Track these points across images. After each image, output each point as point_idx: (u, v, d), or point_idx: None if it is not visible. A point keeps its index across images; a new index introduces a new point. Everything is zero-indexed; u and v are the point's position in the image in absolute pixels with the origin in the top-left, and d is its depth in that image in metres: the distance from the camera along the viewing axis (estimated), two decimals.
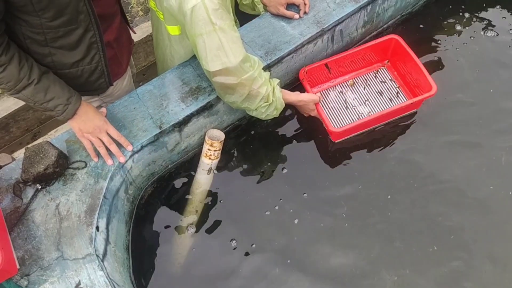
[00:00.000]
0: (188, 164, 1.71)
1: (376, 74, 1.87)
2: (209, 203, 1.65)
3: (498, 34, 2.03)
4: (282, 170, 1.72)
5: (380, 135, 1.78)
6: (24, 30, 1.19)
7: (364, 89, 1.84)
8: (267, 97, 1.47)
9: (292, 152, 1.77)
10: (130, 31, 1.62)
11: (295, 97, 1.61)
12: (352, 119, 1.77)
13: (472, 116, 1.82)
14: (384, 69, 1.88)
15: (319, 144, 1.77)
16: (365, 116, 1.76)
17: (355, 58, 1.82)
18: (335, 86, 1.86)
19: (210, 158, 1.60)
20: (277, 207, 1.64)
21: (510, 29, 2.05)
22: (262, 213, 1.64)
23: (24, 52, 1.24)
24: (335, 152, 1.76)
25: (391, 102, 1.79)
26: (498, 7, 2.12)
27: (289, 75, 1.75)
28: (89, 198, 1.36)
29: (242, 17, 1.81)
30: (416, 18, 2.09)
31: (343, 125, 1.75)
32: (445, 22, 2.07)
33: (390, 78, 1.86)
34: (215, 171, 1.69)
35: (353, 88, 1.85)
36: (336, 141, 1.75)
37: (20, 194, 1.37)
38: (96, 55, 1.34)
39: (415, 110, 1.80)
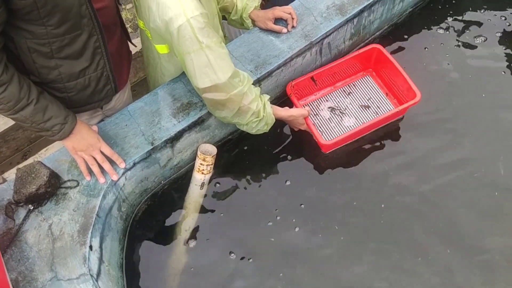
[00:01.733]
0: (181, 180, 1.71)
1: (362, 83, 1.90)
2: (203, 217, 1.65)
3: (486, 39, 2.07)
4: (276, 182, 1.73)
5: (370, 142, 1.80)
6: (29, 43, 1.19)
7: (351, 98, 1.87)
8: (257, 112, 1.49)
9: (284, 163, 1.78)
10: (130, 44, 1.63)
11: (285, 112, 1.63)
12: (341, 129, 1.79)
13: (461, 121, 1.84)
14: (369, 77, 1.91)
15: (310, 154, 1.78)
16: (353, 125, 1.79)
17: (340, 68, 1.85)
18: (322, 97, 1.88)
19: (202, 173, 1.60)
20: (273, 220, 1.64)
21: (497, 32, 2.09)
22: (259, 225, 1.63)
23: (30, 69, 1.24)
24: (326, 161, 1.77)
25: (378, 109, 1.82)
26: (482, 11, 2.16)
27: (279, 88, 1.77)
28: (82, 217, 1.35)
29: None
30: (402, 28, 2.13)
31: (333, 135, 1.78)
32: (430, 31, 2.11)
33: (375, 85, 1.89)
34: (215, 186, 1.70)
35: (341, 97, 1.87)
36: (327, 152, 1.77)
37: (12, 215, 1.36)
38: (101, 61, 1.35)
39: (401, 116, 1.83)
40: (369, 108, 1.83)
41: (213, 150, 1.64)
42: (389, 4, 1.91)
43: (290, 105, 1.74)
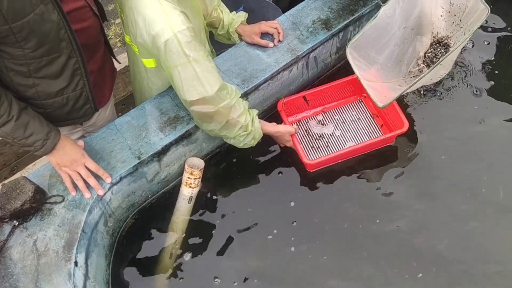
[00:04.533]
0: (169, 194, 1.71)
1: (353, 107, 1.90)
2: (192, 232, 1.64)
3: (473, 47, 2.10)
4: (266, 196, 1.72)
5: (359, 162, 1.78)
6: (6, 62, 1.19)
7: (340, 121, 1.87)
8: (246, 126, 1.50)
9: (274, 177, 1.77)
10: (114, 60, 1.63)
11: (272, 128, 1.64)
12: (328, 150, 1.79)
13: (453, 137, 1.84)
14: (362, 102, 1.91)
15: (298, 170, 1.78)
16: (341, 147, 1.79)
17: (333, 91, 1.85)
18: (312, 116, 1.88)
19: (190, 187, 1.60)
20: (264, 238, 1.62)
21: (485, 40, 2.12)
22: (248, 245, 1.62)
23: (7, 85, 1.24)
24: (315, 178, 1.76)
25: (366, 135, 1.82)
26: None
27: (266, 102, 1.78)
28: (67, 232, 1.34)
29: (218, 46, 1.85)
30: None
31: (319, 155, 1.78)
32: None
33: (366, 110, 1.89)
34: (203, 200, 1.69)
35: (330, 119, 1.88)
36: (311, 171, 1.76)
37: None
38: (80, 81, 1.35)
39: (389, 143, 1.82)
40: (358, 131, 1.83)
41: (201, 163, 1.64)
42: None
43: (278, 120, 1.74)
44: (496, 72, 2.02)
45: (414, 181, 1.75)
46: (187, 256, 1.59)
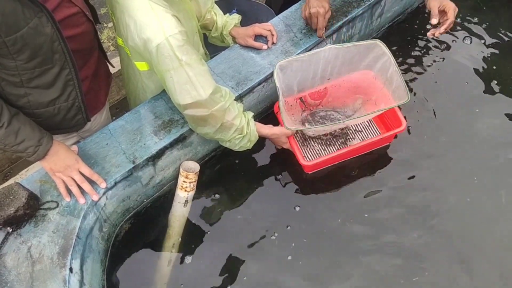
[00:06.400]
0: (164, 198, 1.70)
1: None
2: (188, 236, 1.63)
3: (470, 43, 2.11)
4: (261, 199, 1.71)
5: (358, 163, 1.78)
6: None
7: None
8: (241, 129, 1.49)
9: (269, 179, 1.77)
10: (108, 65, 1.62)
11: (268, 130, 1.63)
12: (327, 151, 1.78)
13: (450, 138, 1.84)
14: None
15: (295, 172, 1.77)
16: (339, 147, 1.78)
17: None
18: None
19: (185, 190, 1.59)
20: (260, 241, 1.62)
21: (481, 39, 2.12)
22: (246, 250, 1.61)
23: None
24: (311, 180, 1.76)
25: (364, 135, 1.81)
26: (458, 19, 2.19)
27: (261, 104, 1.78)
28: (62, 239, 1.33)
29: (212, 49, 1.85)
30: None
31: (318, 156, 1.77)
32: (408, 45, 2.14)
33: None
34: (198, 203, 1.68)
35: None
36: (309, 173, 1.75)
37: None
38: (72, 92, 1.34)
39: (388, 143, 1.81)
40: (356, 131, 1.82)
41: (196, 167, 1.63)
42: (367, 20, 1.94)
43: (275, 122, 1.73)
44: (494, 67, 2.03)
45: (414, 181, 1.75)
46: (184, 261, 1.58)
